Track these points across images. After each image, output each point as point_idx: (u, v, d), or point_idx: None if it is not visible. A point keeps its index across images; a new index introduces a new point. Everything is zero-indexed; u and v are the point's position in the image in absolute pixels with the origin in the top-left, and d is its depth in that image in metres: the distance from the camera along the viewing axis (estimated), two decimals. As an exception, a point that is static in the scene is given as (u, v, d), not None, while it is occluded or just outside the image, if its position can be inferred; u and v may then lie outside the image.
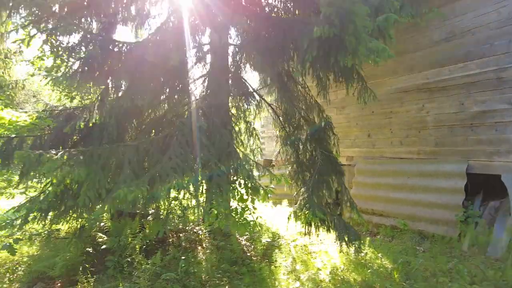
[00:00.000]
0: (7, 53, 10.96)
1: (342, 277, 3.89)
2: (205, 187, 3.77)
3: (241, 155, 3.67)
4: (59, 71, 5.21)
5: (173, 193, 4.87)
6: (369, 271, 3.94)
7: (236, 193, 3.28)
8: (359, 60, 3.71)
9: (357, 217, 4.21)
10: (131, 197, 2.64)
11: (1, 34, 11.06)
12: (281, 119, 5.29)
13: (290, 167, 4.83)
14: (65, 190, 4.20)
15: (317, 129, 4.76)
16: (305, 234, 4.49)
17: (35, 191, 5.95)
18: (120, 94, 3.93)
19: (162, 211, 4.94)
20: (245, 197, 3.79)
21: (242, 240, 5.21)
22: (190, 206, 6.00)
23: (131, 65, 3.73)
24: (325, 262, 4.40)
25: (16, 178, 5.84)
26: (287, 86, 4.70)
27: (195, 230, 5.30)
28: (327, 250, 4.79)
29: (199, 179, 3.12)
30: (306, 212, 3.81)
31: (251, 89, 5.23)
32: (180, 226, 5.40)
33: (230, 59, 5.26)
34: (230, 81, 5.34)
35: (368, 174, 6.61)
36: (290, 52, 4.31)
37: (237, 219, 3.78)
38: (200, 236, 5.13)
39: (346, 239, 3.79)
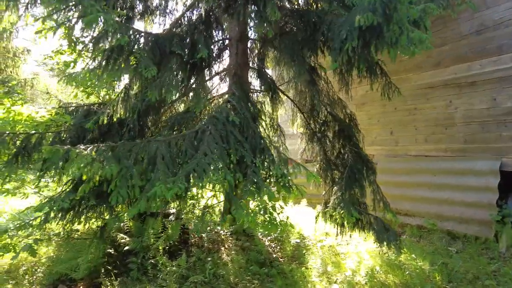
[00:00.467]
0: (15, 52, 10.84)
1: (379, 279, 3.70)
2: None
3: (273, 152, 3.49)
4: (75, 66, 5.06)
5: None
6: (406, 273, 3.75)
7: (269, 192, 3.08)
8: (396, 52, 3.52)
9: (391, 217, 4.02)
10: (169, 194, 2.46)
11: (10, 32, 10.94)
12: (304, 115, 5.10)
13: (317, 165, 4.64)
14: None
15: (346, 125, 4.58)
16: (337, 235, 4.31)
17: (49, 190, 5.80)
18: (145, 87, 3.74)
19: (198, 210, 4.80)
20: (276, 195, 3.61)
21: (265, 241, 5.02)
22: (209, 205, 5.83)
23: (157, 57, 3.55)
24: (357, 264, 4.21)
25: (30, 177, 5.67)
26: (314, 81, 4.51)
27: (216, 231, 5.11)
28: (356, 251, 4.61)
29: (236, 176, 2.94)
30: (341, 212, 3.62)
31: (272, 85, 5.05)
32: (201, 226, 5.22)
33: (251, 53, 5.09)
34: (250, 76, 5.17)
35: (390, 173, 6.40)
36: (320, 45, 4.13)
37: (267, 219, 3.59)
38: (222, 237, 4.95)
39: (386, 239, 3.59)
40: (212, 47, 4.33)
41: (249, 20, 3.86)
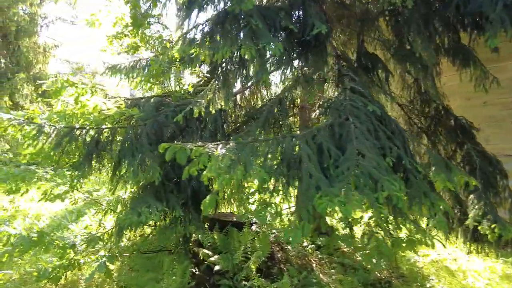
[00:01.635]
0: (45, 47, 10.26)
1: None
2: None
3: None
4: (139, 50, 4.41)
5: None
6: None
7: (446, 204, 2.37)
8: None
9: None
10: (348, 211, 1.76)
11: (40, 27, 10.36)
12: (403, 108, 4.37)
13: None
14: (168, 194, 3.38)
15: (464, 120, 3.86)
16: (469, 253, 3.58)
17: (98, 195, 5.16)
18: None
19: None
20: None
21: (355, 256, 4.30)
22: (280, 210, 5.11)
23: (267, 31, 2.84)
24: (488, 286, 3.49)
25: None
26: (426, 65, 3.77)
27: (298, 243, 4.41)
28: (472, 269, 3.88)
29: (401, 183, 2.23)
30: (493, 226, 2.88)
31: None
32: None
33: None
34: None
35: (480, 175, 5.63)
36: (452, 20, 3.41)
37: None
38: (309, 250, 4.25)
39: None
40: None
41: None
